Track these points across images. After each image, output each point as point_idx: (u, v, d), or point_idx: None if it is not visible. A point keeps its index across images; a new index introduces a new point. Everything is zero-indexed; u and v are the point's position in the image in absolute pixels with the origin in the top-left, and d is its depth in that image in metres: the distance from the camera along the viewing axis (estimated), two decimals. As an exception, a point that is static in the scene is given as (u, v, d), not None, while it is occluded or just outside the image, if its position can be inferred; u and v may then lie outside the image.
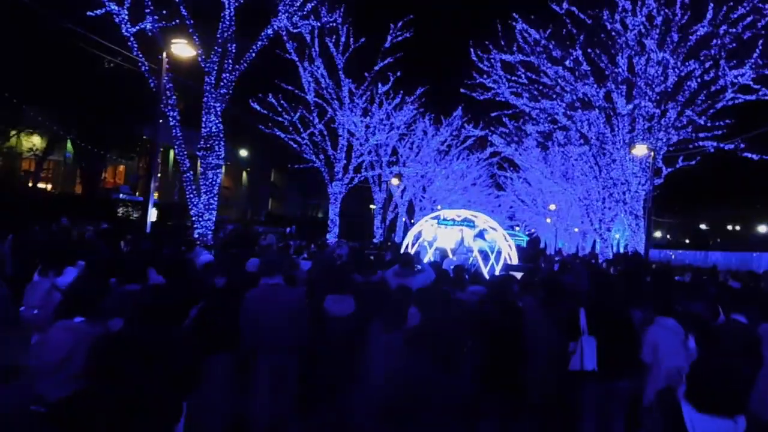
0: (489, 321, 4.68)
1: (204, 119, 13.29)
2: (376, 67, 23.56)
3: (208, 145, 13.22)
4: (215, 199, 13.49)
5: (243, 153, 50.51)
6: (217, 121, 13.18)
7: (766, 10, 17.08)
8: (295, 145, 22.94)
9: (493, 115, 26.13)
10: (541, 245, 64.18)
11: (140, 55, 12.29)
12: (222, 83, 13.31)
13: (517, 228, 57.03)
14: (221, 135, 13.34)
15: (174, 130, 12.97)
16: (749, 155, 18.76)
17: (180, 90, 14.78)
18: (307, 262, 10.95)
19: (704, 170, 21.40)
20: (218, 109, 13.22)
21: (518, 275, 12.20)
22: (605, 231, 26.97)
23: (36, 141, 28.77)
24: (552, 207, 41.13)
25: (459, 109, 33.49)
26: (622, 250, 32.49)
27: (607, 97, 20.53)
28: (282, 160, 33.87)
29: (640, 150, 18.82)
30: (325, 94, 23.01)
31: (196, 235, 13.20)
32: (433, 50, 63.21)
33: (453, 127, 34.14)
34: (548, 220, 50.27)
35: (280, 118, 22.28)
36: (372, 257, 9.23)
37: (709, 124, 18.73)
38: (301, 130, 22.71)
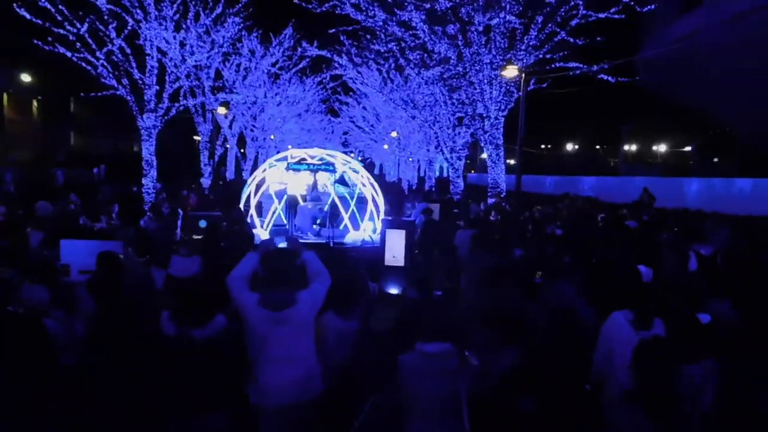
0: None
1: None
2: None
3: None
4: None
5: (26, 78, 41.36)
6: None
7: None
8: (89, 67, 17.50)
9: (331, 32, 22.73)
10: (375, 171, 62.91)
11: None
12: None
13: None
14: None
15: None
16: (605, 77, 17.94)
17: None
18: (112, 244, 6.91)
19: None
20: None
21: (400, 233, 9.46)
22: (456, 160, 25.46)
23: None
24: (394, 134, 39.11)
25: (290, 27, 29.36)
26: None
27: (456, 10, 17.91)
28: (80, 86, 27.27)
29: (511, 71, 16.76)
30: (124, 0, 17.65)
31: None
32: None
33: (285, 47, 29.94)
34: (386, 147, 48.50)
35: (62, 31, 16.70)
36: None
37: (580, 43, 17.06)
38: (95, 47, 17.29)
